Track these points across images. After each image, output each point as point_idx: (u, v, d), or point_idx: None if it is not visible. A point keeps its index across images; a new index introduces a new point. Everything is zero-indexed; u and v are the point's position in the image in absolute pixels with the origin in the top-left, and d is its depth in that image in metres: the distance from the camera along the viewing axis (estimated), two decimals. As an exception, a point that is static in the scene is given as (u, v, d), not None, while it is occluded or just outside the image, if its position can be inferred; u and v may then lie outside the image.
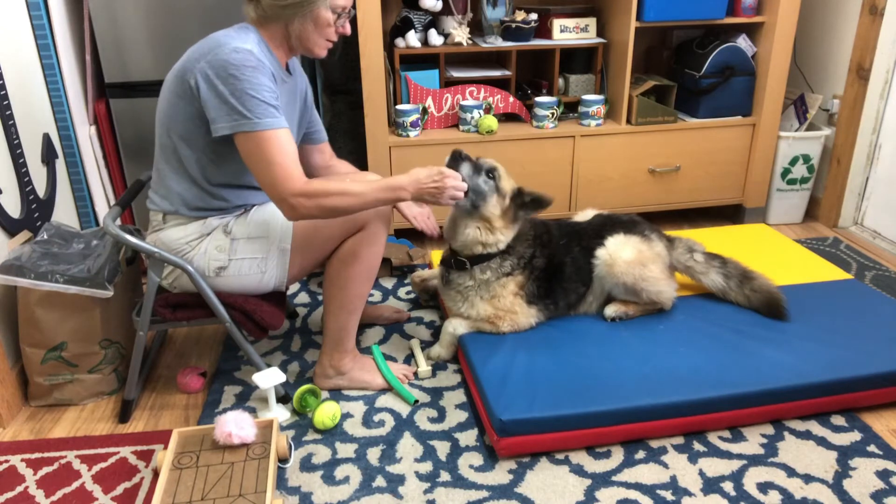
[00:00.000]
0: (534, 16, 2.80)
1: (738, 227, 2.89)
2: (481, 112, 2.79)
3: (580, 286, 2.05)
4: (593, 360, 1.85)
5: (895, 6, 2.68)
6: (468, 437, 1.76)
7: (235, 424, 1.59)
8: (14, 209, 1.97)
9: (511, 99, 2.87)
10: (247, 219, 1.77)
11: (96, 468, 1.68)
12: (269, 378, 1.79)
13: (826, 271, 2.34)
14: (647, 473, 1.63)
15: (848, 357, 1.83)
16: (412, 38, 2.72)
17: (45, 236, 1.92)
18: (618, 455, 1.69)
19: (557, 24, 2.83)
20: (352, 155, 3.02)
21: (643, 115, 2.83)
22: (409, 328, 2.27)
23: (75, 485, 1.63)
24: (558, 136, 2.80)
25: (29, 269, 1.77)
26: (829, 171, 3.05)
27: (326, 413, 1.77)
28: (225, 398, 1.94)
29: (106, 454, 1.73)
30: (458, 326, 2.00)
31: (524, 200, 1.92)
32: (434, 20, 2.78)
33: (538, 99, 2.81)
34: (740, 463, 1.66)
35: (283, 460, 1.67)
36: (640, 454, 1.69)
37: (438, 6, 2.69)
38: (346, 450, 1.73)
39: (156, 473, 1.64)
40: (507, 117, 2.93)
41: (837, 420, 1.80)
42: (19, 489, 1.62)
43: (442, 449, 1.72)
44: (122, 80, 2.39)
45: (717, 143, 2.92)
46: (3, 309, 1.88)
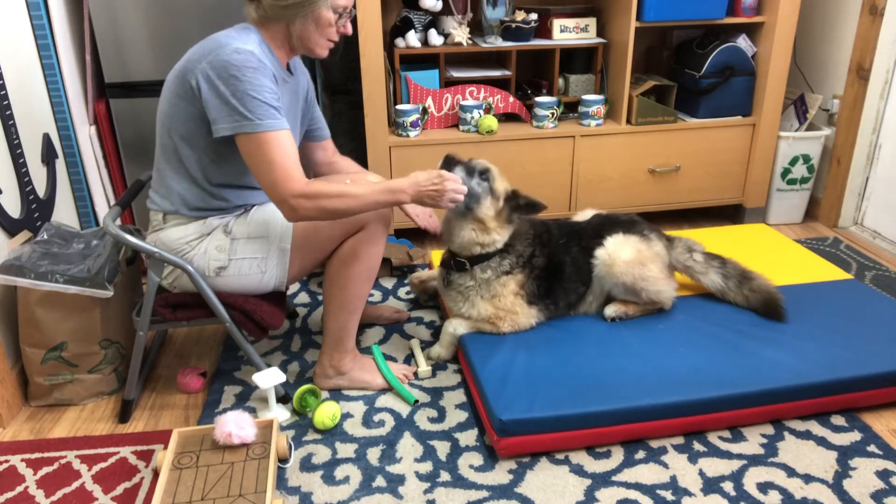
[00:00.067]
0: (534, 16, 2.80)
1: (738, 227, 2.89)
2: (481, 112, 2.79)
3: (580, 286, 2.05)
4: (593, 360, 1.85)
5: (895, 6, 2.68)
6: (468, 437, 1.76)
7: (235, 424, 1.59)
8: (14, 209, 1.97)
9: (511, 99, 2.87)
10: (247, 219, 1.77)
11: (96, 468, 1.68)
12: (269, 378, 1.79)
13: (826, 271, 2.34)
14: (647, 473, 1.63)
15: (848, 357, 1.83)
16: (412, 38, 2.72)
17: (45, 236, 1.92)
18: (618, 455, 1.69)
19: (557, 24, 2.83)
20: (352, 154, 2.99)
21: (643, 115, 2.83)
22: (409, 328, 2.27)
23: (75, 485, 1.63)
24: (558, 136, 2.80)
25: (29, 269, 1.77)
26: (829, 171, 3.05)
27: (326, 413, 1.77)
28: (225, 398, 1.94)
29: (106, 454, 1.73)
30: (459, 326, 2.00)
31: (518, 203, 1.93)
32: (434, 20, 2.78)
33: (538, 99, 2.81)
34: (740, 463, 1.66)
35: (283, 460, 1.67)
36: (640, 454, 1.69)
37: (438, 6, 2.69)
38: (346, 450, 1.73)
39: (156, 473, 1.64)
40: (507, 117, 2.93)
41: (837, 420, 1.80)
42: (19, 489, 1.62)
43: (442, 449, 1.72)
44: (122, 80, 2.39)
45: (717, 143, 2.92)
46: (3, 309, 1.88)
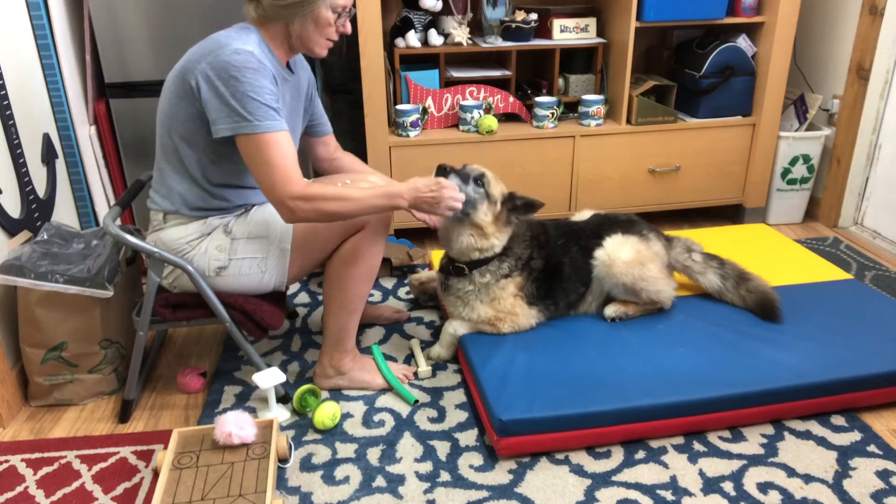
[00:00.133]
0: (534, 16, 2.80)
1: (738, 227, 2.89)
2: (481, 112, 2.79)
3: (579, 286, 2.05)
4: (593, 360, 1.85)
5: (895, 6, 2.68)
6: (468, 437, 1.76)
7: (235, 424, 1.59)
8: (14, 209, 1.97)
9: (511, 99, 2.87)
10: (247, 218, 1.77)
11: (96, 468, 1.68)
12: (269, 378, 1.79)
13: (826, 271, 2.34)
14: (647, 473, 1.63)
15: (848, 357, 1.83)
16: (412, 38, 2.72)
17: (45, 236, 1.92)
18: (618, 455, 1.69)
19: (557, 24, 2.83)
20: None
21: (643, 115, 2.83)
22: (409, 328, 2.27)
23: (75, 485, 1.63)
24: (558, 136, 2.80)
25: (29, 269, 1.77)
26: (829, 171, 3.05)
27: (326, 413, 1.77)
28: (225, 398, 1.94)
29: (106, 454, 1.73)
30: (459, 327, 2.00)
31: (516, 204, 1.93)
32: (434, 20, 2.78)
33: (538, 99, 2.81)
34: (740, 463, 1.66)
35: (283, 460, 1.67)
36: (640, 454, 1.69)
37: (438, 6, 2.69)
38: (346, 450, 1.73)
39: (156, 473, 1.64)
40: (507, 117, 2.93)
41: (837, 420, 1.80)
42: (19, 489, 1.62)
43: (442, 449, 1.72)
44: (122, 80, 2.39)
45: (717, 143, 2.92)
46: (3, 309, 1.88)
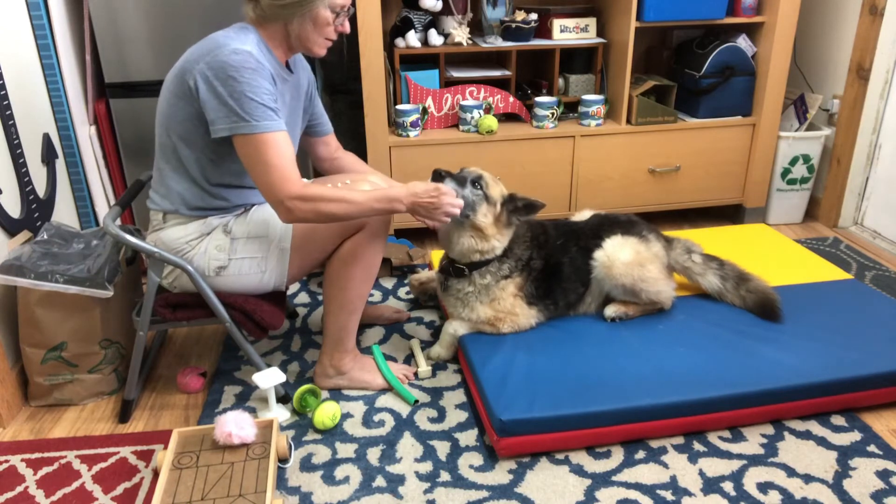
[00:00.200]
0: (534, 16, 2.80)
1: (738, 227, 2.89)
2: (481, 112, 2.79)
3: (579, 286, 2.05)
4: (593, 360, 1.85)
5: (895, 6, 2.68)
6: (468, 437, 1.76)
7: (235, 424, 1.59)
8: (14, 209, 1.97)
9: (511, 99, 2.87)
10: (247, 218, 1.77)
11: (96, 468, 1.68)
12: (269, 378, 1.79)
13: (826, 271, 2.34)
14: (647, 473, 1.63)
15: (848, 357, 1.83)
16: (412, 38, 2.72)
17: (45, 236, 1.92)
18: (618, 455, 1.69)
19: (557, 24, 2.83)
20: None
21: (643, 115, 2.83)
22: (409, 328, 2.27)
23: (75, 485, 1.63)
24: (558, 136, 2.80)
25: (29, 269, 1.77)
26: (829, 171, 3.05)
27: (326, 413, 1.77)
28: (225, 398, 1.94)
29: (106, 454, 1.73)
30: (459, 327, 2.00)
31: (516, 205, 1.92)
32: (434, 20, 2.78)
33: (538, 99, 2.81)
34: (740, 463, 1.66)
35: (283, 460, 1.67)
36: (640, 454, 1.69)
37: (438, 6, 2.69)
38: (346, 450, 1.73)
39: (156, 473, 1.64)
40: (507, 117, 2.93)
41: (837, 420, 1.80)
42: (19, 489, 1.62)
43: (442, 449, 1.72)
44: (122, 80, 2.39)
45: (717, 143, 2.92)
46: (3, 309, 1.88)
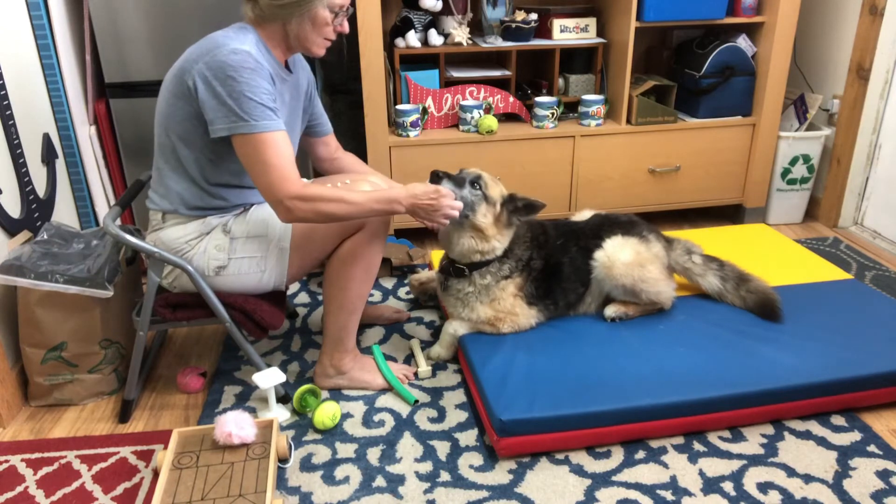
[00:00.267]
0: (534, 16, 2.80)
1: (738, 227, 2.89)
2: (481, 112, 2.79)
3: (579, 286, 2.05)
4: (593, 360, 1.85)
5: (895, 6, 2.68)
6: (468, 437, 1.76)
7: (235, 424, 1.59)
8: (14, 209, 1.97)
9: (511, 99, 2.87)
10: (246, 218, 1.77)
11: (96, 468, 1.68)
12: (269, 378, 1.79)
13: (826, 271, 2.34)
14: (647, 473, 1.63)
15: (848, 357, 1.83)
16: (412, 38, 2.72)
17: (45, 236, 1.92)
18: (618, 455, 1.69)
19: (557, 24, 2.83)
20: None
21: (643, 115, 2.83)
22: (409, 328, 2.27)
23: (75, 485, 1.63)
24: (558, 136, 2.80)
25: (29, 269, 1.77)
26: (829, 171, 3.05)
27: (326, 413, 1.77)
28: (225, 398, 1.94)
29: (106, 454, 1.73)
30: (459, 328, 2.00)
31: (516, 206, 1.92)
32: (434, 20, 2.78)
33: (538, 99, 2.81)
34: (740, 463, 1.66)
35: (283, 460, 1.67)
36: (640, 454, 1.69)
37: (438, 6, 2.69)
38: (346, 450, 1.73)
39: (156, 473, 1.64)
40: (507, 117, 2.93)
41: (837, 420, 1.80)
42: (19, 489, 1.62)
43: (442, 449, 1.72)
44: (122, 80, 2.39)
45: (717, 143, 2.92)
46: (3, 309, 1.88)
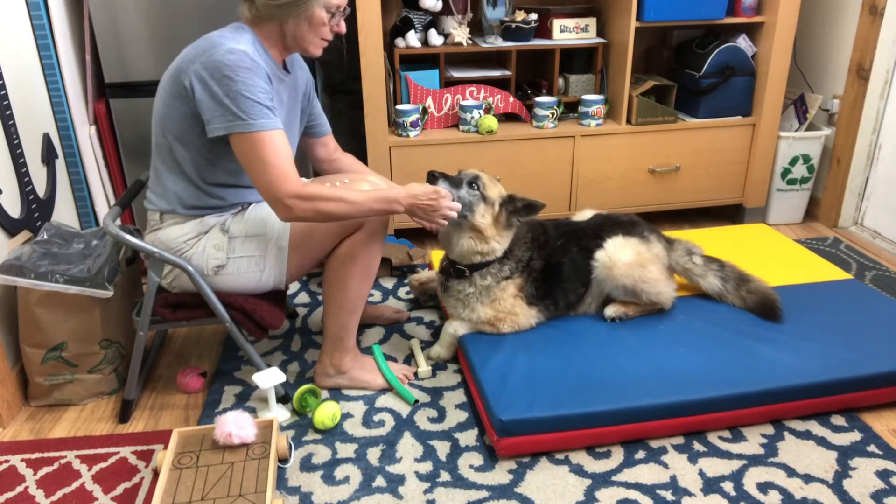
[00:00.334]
0: (534, 16, 2.80)
1: (738, 227, 2.89)
2: (481, 112, 2.79)
3: (579, 286, 2.05)
4: (593, 360, 1.85)
5: (895, 6, 2.68)
6: (468, 437, 1.76)
7: (235, 424, 1.59)
8: (14, 209, 1.97)
9: (511, 99, 2.87)
10: (244, 217, 1.77)
11: (96, 468, 1.68)
12: (269, 378, 1.79)
13: (826, 271, 2.34)
14: (647, 473, 1.63)
15: (848, 357, 1.83)
16: (412, 38, 2.72)
17: (45, 236, 1.92)
18: (618, 455, 1.69)
19: (557, 24, 2.83)
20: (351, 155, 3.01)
21: (643, 115, 2.83)
22: (409, 328, 2.27)
23: (75, 485, 1.63)
24: (558, 136, 2.80)
25: (29, 269, 1.77)
26: (829, 171, 3.05)
27: (326, 413, 1.77)
28: (225, 398, 1.94)
29: (106, 454, 1.73)
30: (459, 327, 2.00)
31: (516, 206, 1.92)
32: (434, 20, 2.78)
33: (538, 99, 2.81)
34: (740, 463, 1.66)
35: (283, 460, 1.67)
36: (640, 454, 1.69)
37: (438, 6, 2.69)
38: (346, 450, 1.73)
39: (156, 473, 1.64)
40: (507, 117, 2.93)
41: (837, 420, 1.80)
42: (19, 489, 1.62)
43: (442, 449, 1.72)
44: (122, 80, 2.39)
45: (717, 143, 2.92)
46: (3, 309, 1.88)
